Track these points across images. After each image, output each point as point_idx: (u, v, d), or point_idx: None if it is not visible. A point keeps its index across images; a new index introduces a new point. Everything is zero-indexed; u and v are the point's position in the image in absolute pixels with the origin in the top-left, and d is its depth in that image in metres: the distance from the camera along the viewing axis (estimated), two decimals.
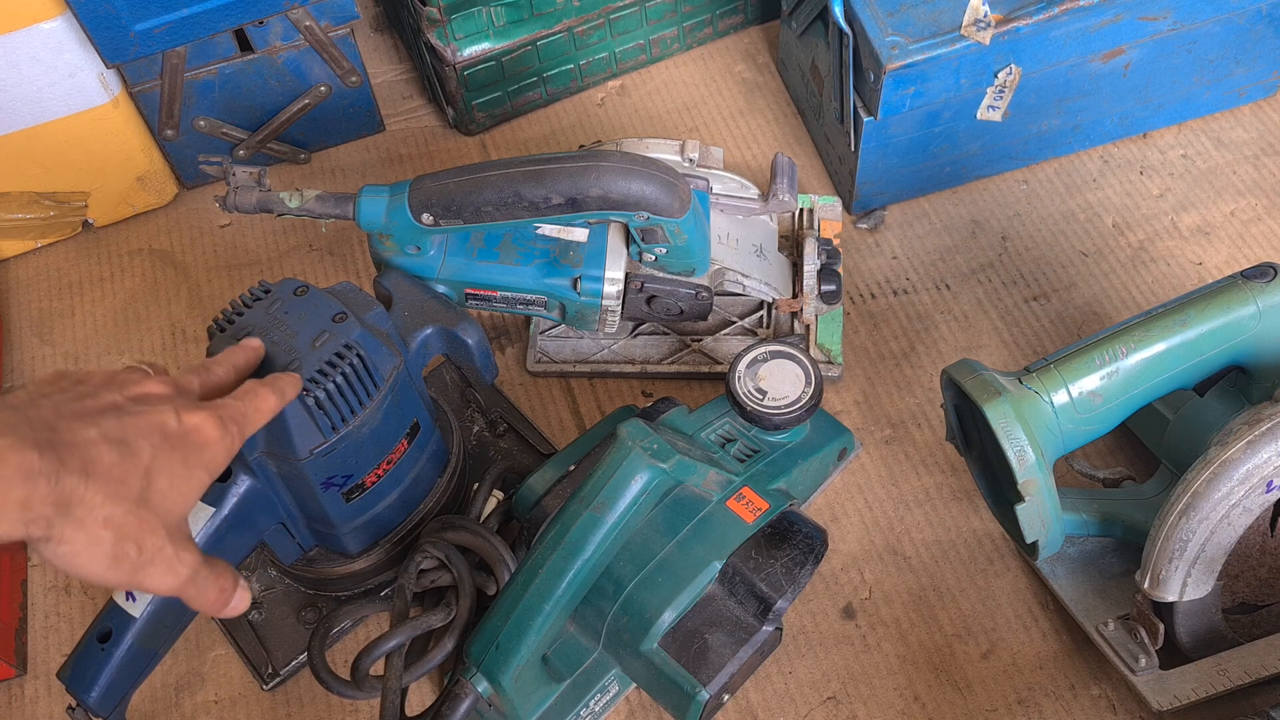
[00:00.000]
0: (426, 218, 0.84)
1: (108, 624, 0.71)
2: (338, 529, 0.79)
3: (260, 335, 0.70)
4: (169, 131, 1.09)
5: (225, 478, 0.72)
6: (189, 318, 1.07)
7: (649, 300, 0.92)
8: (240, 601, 0.62)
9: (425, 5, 1.06)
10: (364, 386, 0.72)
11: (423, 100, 1.22)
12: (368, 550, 0.83)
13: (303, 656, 0.85)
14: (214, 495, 0.72)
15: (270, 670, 0.85)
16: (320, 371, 0.69)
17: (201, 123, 1.09)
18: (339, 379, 0.70)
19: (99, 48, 0.99)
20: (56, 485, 0.51)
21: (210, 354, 0.70)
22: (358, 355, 0.70)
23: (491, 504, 0.85)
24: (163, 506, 0.56)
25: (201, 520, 0.71)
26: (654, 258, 0.89)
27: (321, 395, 0.69)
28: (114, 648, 0.70)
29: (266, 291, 0.73)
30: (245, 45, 1.05)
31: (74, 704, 0.72)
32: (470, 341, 0.81)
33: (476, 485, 0.86)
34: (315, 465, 0.72)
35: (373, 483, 0.77)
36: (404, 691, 0.77)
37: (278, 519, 0.76)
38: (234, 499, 0.72)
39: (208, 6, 0.99)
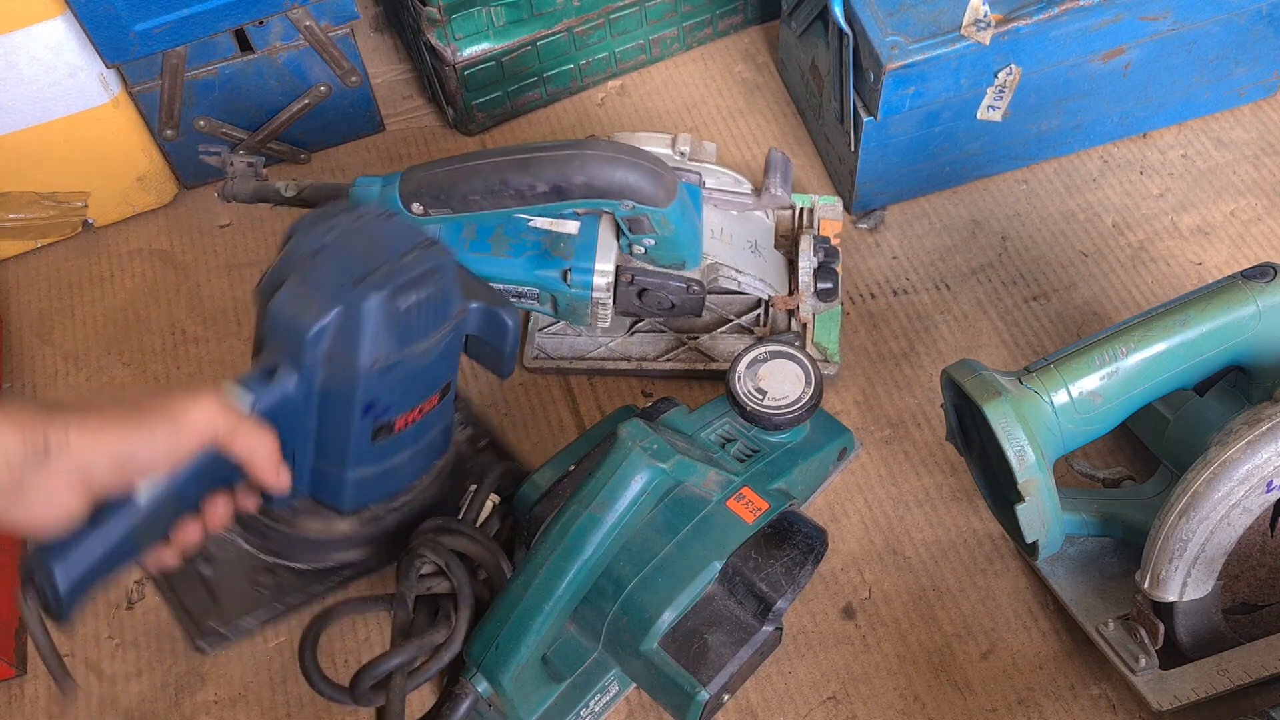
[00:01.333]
0: (416, 207, 0.84)
1: (102, 506, 0.64)
2: (346, 471, 0.76)
3: (345, 242, 0.69)
4: (169, 131, 1.09)
5: (270, 375, 0.68)
6: (189, 318, 1.07)
7: (640, 294, 0.92)
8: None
9: (425, 5, 1.06)
10: (438, 312, 0.71)
11: (423, 100, 1.22)
12: (352, 515, 0.80)
13: (251, 620, 0.82)
14: (254, 386, 0.68)
15: (213, 627, 0.80)
16: (408, 282, 0.68)
17: (201, 123, 1.09)
18: (423, 295, 0.68)
19: (99, 48, 0.99)
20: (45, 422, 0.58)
21: (282, 259, 0.70)
22: (439, 281, 0.70)
23: (488, 508, 0.85)
24: None
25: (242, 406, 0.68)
26: (644, 250, 0.89)
27: (405, 304, 0.68)
28: (104, 525, 0.63)
29: (353, 209, 0.72)
30: (245, 45, 1.06)
31: (34, 589, 0.64)
32: (509, 324, 0.79)
33: (474, 487, 0.85)
34: (370, 381, 0.69)
35: (400, 427, 0.75)
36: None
37: (292, 444, 0.72)
38: (273, 397, 0.68)
39: (208, 6, 0.99)
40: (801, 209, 1.03)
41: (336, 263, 0.67)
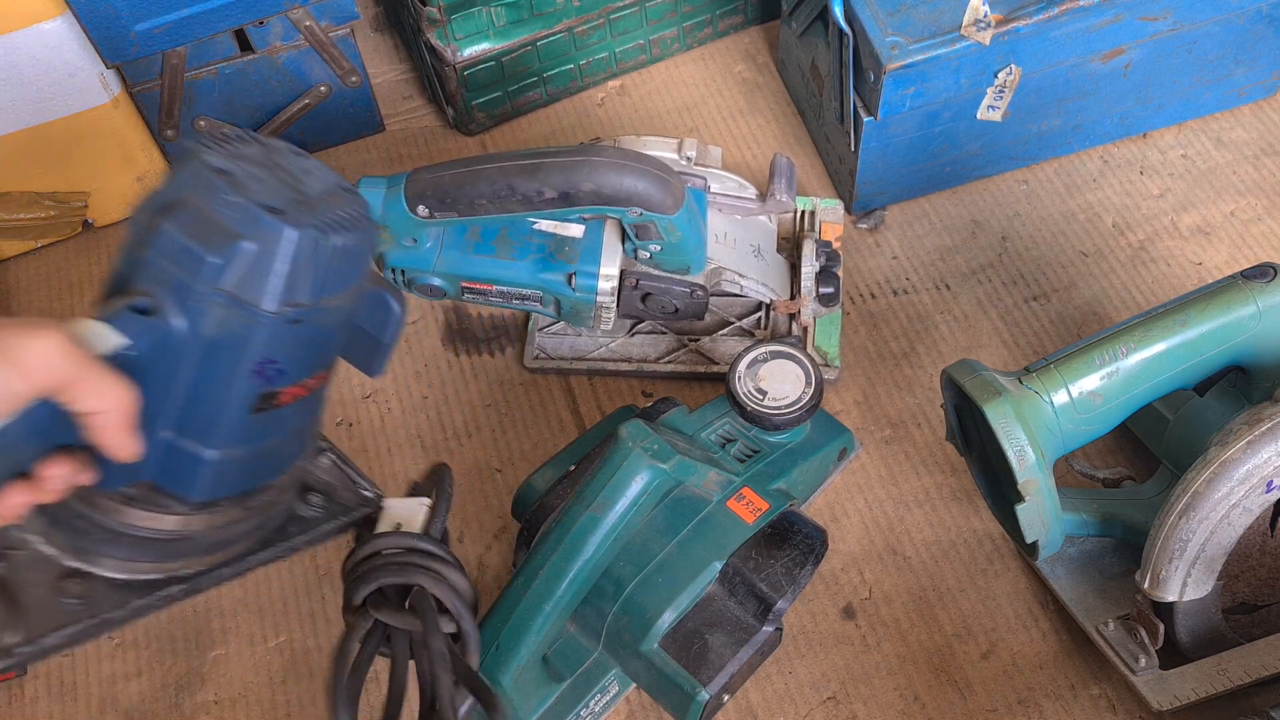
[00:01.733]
0: (422, 210, 0.84)
1: None
2: (207, 449, 0.62)
3: (259, 168, 0.59)
4: (169, 131, 1.09)
5: (145, 313, 0.57)
6: None
7: (644, 298, 0.92)
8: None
9: (425, 5, 1.06)
10: (356, 266, 0.61)
11: (423, 100, 1.22)
12: (197, 511, 0.65)
13: (56, 639, 0.66)
14: (130, 326, 0.57)
15: (9, 645, 0.63)
16: (334, 222, 0.58)
17: (201, 123, 1.09)
18: (346, 241, 0.58)
19: (99, 48, 0.99)
20: None
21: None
22: (362, 232, 0.60)
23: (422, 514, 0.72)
24: None
25: (98, 348, 0.56)
26: (649, 255, 0.89)
27: (330, 246, 0.58)
28: None
29: (261, 138, 0.62)
30: (245, 45, 1.05)
31: None
32: (395, 311, 0.67)
33: (429, 500, 0.72)
34: (274, 331, 0.58)
35: (286, 401, 0.63)
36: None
37: (150, 408, 0.59)
38: (146, 342, 0.56)
39: (208, 6, 0.99)
40: (803, 212, 1.03)
41: (251, 187, 0.57)
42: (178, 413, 0.60)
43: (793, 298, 0.98)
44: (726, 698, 0.74)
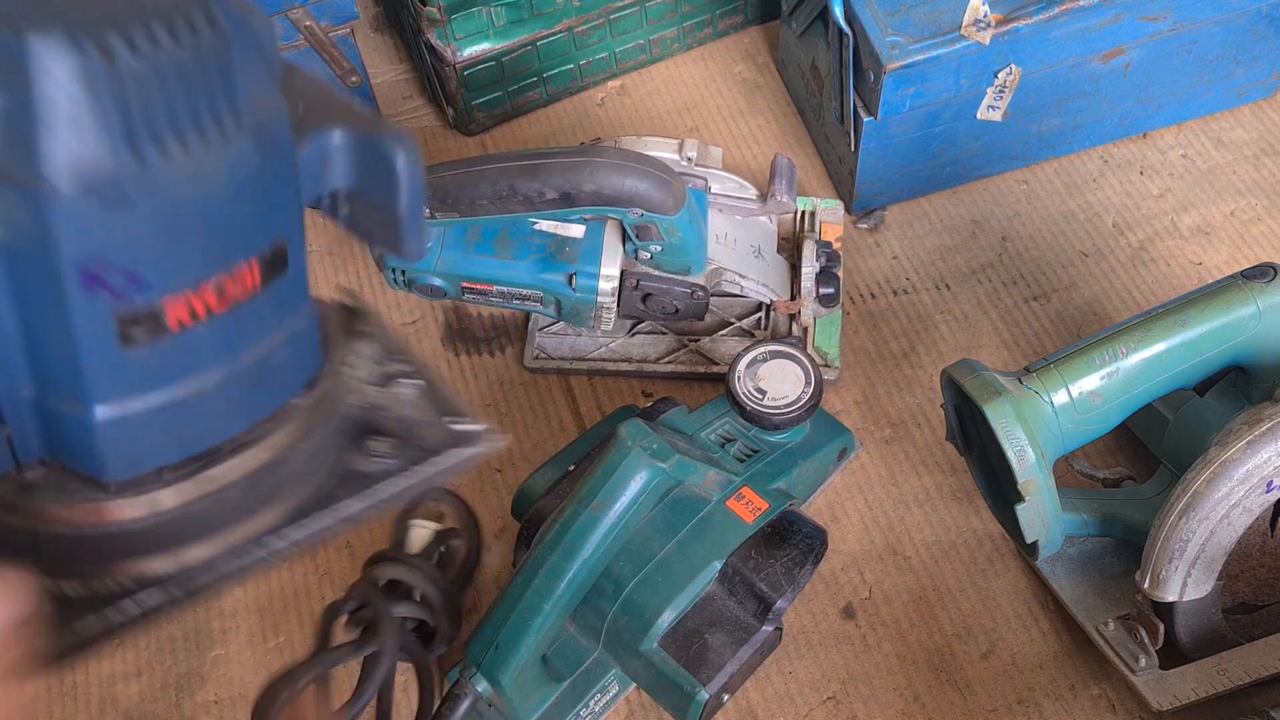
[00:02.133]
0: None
1: None
2: (91, 406, 0.40)
3: None
4: None
5: None
6: None
7: (644, 298, 0.92)
8: None
9: (425, 5, 1.06)
10: (216, 90, 0.38)
11: (423, 100, 1.22)
12: (129, 491, 0.44)
13: None
14: None
15: None
16: (130, 14, 0.36)
17: None
18: (168, 52, 0.36)
19: None
20: None
21: None
22: (221, 30, 0.38)
23: (424, 536, 0.78)
24: None
25: None
26: (649, 255, 0.90)
27: (132, 64, 0.35)
28: None
29: None
30: None
31: None
32: (397, 165, 0.44)
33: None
34: (74, 218, 0.36)
35: (179, 322, 0.40)
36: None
37: None
38: None
39: None
40: (803, 212, 1.03)
41: None
42: (18, 361, 0.40)
43: (793, 298, 0.98)
44: (726, 697, 0.74)
